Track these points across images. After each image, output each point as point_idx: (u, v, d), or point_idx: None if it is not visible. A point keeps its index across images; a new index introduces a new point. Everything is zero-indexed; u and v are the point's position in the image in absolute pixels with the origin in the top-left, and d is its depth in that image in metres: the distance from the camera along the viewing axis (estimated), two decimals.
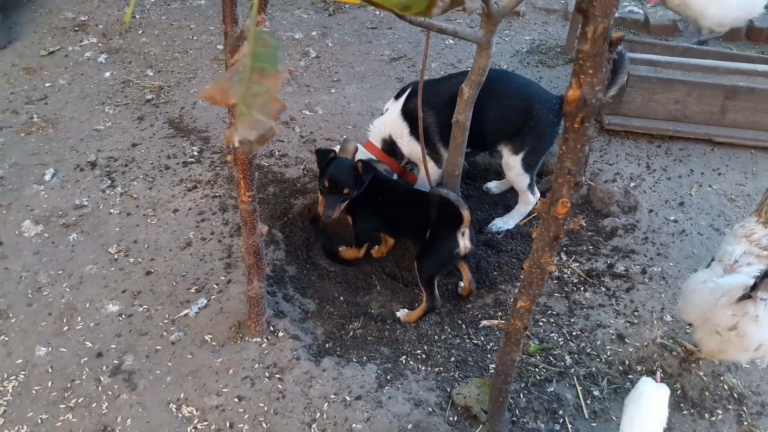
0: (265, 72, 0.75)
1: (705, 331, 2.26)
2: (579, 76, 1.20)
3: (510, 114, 3.04)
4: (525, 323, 1.78)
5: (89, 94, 3.98)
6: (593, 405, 2.44)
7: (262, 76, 0.76)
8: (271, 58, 0.76)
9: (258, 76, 0.76)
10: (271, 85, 0.75)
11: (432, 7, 0.83)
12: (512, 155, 3.10)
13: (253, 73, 0.76)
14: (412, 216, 2.91)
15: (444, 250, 2.79)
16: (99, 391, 2.39)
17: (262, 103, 0.74)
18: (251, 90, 0.75)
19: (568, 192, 1.34)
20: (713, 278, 2.25)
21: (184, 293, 2.75)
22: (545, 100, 3.05)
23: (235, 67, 0.78)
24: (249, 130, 0.73)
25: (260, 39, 0.78)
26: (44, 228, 3.05)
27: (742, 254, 2.27)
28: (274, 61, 0.76)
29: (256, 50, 0.78)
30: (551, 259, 1.53)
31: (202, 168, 3.43)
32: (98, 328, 2.61)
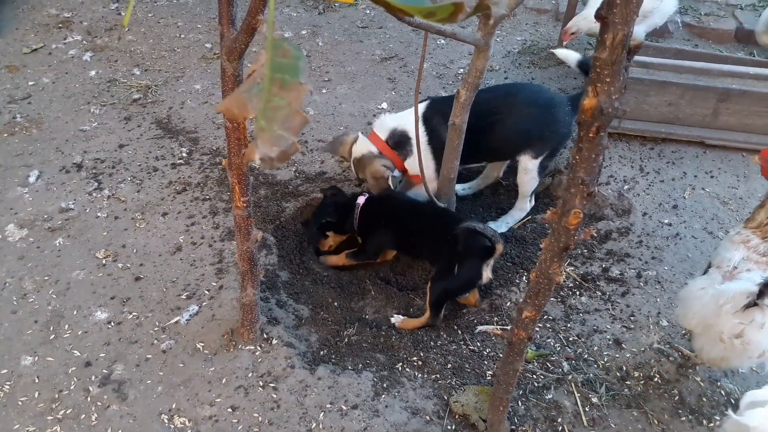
0: (287, 84, 0.71)
1: (707, 338, 2.25)
2: (596, 84, 1.16)
3: (533, 122, 3.09)
4: (529, 333, 1.74)
5: (74, 94, 3.89)
6: (592, 412, 2.42)
7: (282, 88, 0.71)
8: (293, 69, 0.71)
9: (278, 89, 0.71)
10: (293, 98, 0.70)
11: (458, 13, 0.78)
12: (532, 160, 3.14)
13: (272, 85, 0.71)
14: (430, 236, 2.87)
15: (466, 280, 2.76)
16: (88, 402, 2.32)
17: (283, 117, 0.69)
18: (272, 103, 0.70)
19: (580, 202, 1.30)
20: (714, 285, 2.23)
21: (175, 300, 2.68)
22: (560, 103, 3.13)
23: (253, 78, 0.73)
24: (270, 146, 0.68)
25: (279, 48, 0.73)
26: (29, 232, 2.96)
27: (741, 260, 2.26)
28: (295, 72, 0.71)
29: (275, 60, 0.73)
30: (559, 269, 1.49)
31: (191, 170, 3.35)
32: (86, 337, 2.54)
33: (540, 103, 3.11)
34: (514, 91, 3.25)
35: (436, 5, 0.77)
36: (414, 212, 3.02)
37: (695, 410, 2.46)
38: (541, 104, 3.10)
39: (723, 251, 2.39)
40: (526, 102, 3.12)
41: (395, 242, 2.99)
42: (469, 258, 2.74)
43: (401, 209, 3.02)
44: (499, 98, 3.13)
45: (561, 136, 3.16)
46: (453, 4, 0.77)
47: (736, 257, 2.31)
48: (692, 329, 2.38)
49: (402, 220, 2.98)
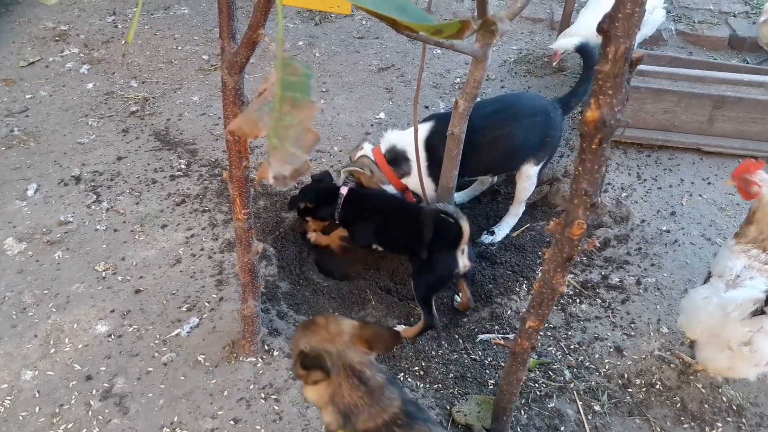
0: (298, 102, 0.71)
1: (713, 347, 2.25)
2: (598, 96, 1.17)
3: (534, 132, 3.15)
4: (533, 343, 1.75)
5: (72, 106, 3.89)
6: (594, 420, 2.42)
7: (294, 107, 0.71)
8: (304, 87, 0.72)
9: (289, 107, 0.71)
10: (304, 117, 0.70)
11: (465, 30, 0.79)
12: (534, 166, 3.20)
13: (283, 104, 0.72)
14: (407, 231, 2.88)
15: (443, 270, 2.76)
16: (89, 416, 2.30)
17: (295, 136, 0.70)
18: (283, 122, 0.70)
19: (584, 213, 1.31)
20: (718, 293, 2.24)
21: (175, 312, 2.68)
22: (554, 107, 3.20)
23: (264, 97, 0.74)
24: (283, 164, 0.69)
25: (289, 66, 0.74)
26: (28, 246, 2.95)
27: (743, 269, 2.27)
28: (306, 90, 0.72)
29: (286, 78, 0.73)
30: (563, 279, 1.50)
31: (190, 182, 3.35)
32: (87, 350, 2.53)
33: (538, 111, 3.14)
34: (511, 103, 3.28)
35: (444, 23, 0.78)
36: (390, 205, 3.05)
37: (697, 417, 2.46)
38: (539, 112, 3.14)
39: (723, 260, 2.39)
40: (526, 113, 3.15)
41: (376, 235, 3.00)
42: (440, 246, 2.76)
43: (379, 202, 3.04)
44: (499, 112, 3.16)
45: (557, 140, 3.24)
46: (460, 22, 0.78)
47: (738, 266, 2.32)
48: (697, 339, 2.38)
49: (380, 213, 3.00)
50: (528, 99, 3.33)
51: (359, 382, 1.67)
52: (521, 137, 3.11)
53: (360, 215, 2.98)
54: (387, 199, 3.11)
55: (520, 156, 3.19)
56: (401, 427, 1.62)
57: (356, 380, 1.68)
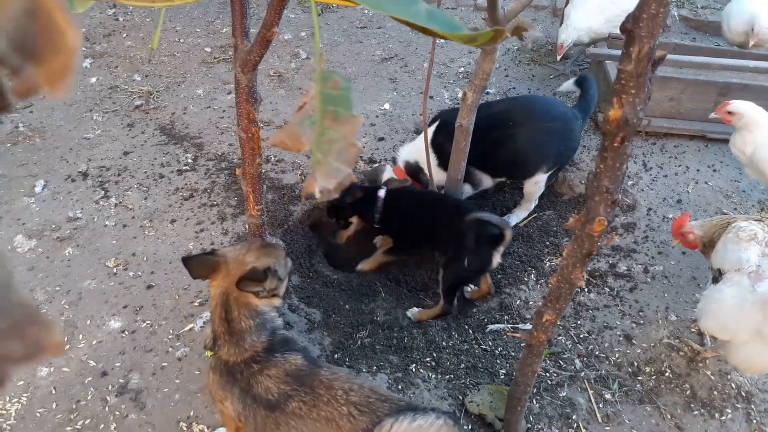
0: (340, 117, 0.72)
1: (755, 345, 2.19)
2: (620, 95, 1.18)
3: (549, 142, 3.14)
4: (549, 336, 1.77)
5: (76, 101, 3.88)
6: (606, 408, 2.45)
7: (335, 121, 0.72)
8: (345, 102, 0.73)
9: (331, 122, 0.72)
10: (347, 131, 0.71)
11: (498, 38, 0.80)
12: (543, 174, 3.19)
13: (325, 118, 0.72)
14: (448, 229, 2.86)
15: (477, 266, 2.78)
16: (106, 412, 2.33)
17: (339, 150, 0.71)
18: (326, 136, 0.71)
19: (605, 210, 1.32)
20: (748, 290, 2.21)
21: (188, 307, 2.69)
22: (573, 117, 3.17)
23: (305, 111, 0.75)
24: (328, 178, 0.69)
25: (329, 80, 0.74)
26: (38, 242, 2.96)
27: (760, 258, 2.26)
28: (348, 104, 0.73)
29: (325, 92, 0.74)
30: (581, 274, 1.51)
31: (197, 176, 3.36)
32: (101, 346, 2.54)
33: (555, 120, 3.13)
34: (528, 109, 3.23)
35: (477, 32, 0.79)
36: (427, 203, 3.02)
37: (707, 404, 2.49)
38: (556, 121, 3.13)
39: (733, 253, 2.37)
40: (542, 121, 3.13)
41: (416, 234, 2.99)
42: (480, 245, 2.76)
43: (416, 201, 3.02)
44: (515, 120, 3.13)
45: (573, 150, 3.25)
46: (494, 31, 0.78)
47: (753, 256, 2.31)
48: (733, 340, 2.29)
49: (418, 212, 2.98)
50: (544, 106, 3.27)
51: (225, 318, 1.92)
52: (533, 149, 3.10)
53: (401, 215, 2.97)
54: (422, 196, 3.09)
55: (532, 167, 3.17)
56: (259, 363, 1.90)
57: (224, 314, 1.92)
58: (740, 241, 2.38)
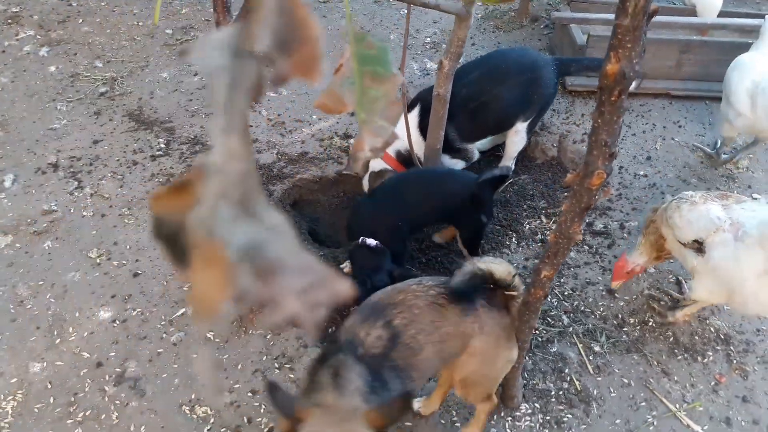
0: (379, 76, 0.73)
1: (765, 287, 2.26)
2: (617, 50, 1.22)
3: (524, 88, 3.18)
4: (546, 292, 1.82)
5: (37, 91, 3.76)
6: (596, 360, 2.55)
7: (375, 80, 0.73)
8: (382, 61, 0.74)
9: (371, 81, 0.73)
10: (388, 89, 0.73)
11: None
12: (522, 122, 3.24)
13: (363, 78, 0.74)
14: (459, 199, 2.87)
15: (491, 214, 2.99)
16: (106, 402, 2.31)
17: (382, 108, 0.72)
18: (368, 96, 0.73)
19: (603, 163, 1.37)
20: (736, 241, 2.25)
21: (177, 292, 2.68)
22: (546, 64, 3.21)
23: (342, 73, 0.76)
24: (374, 137, 0.71)
25: (364, 41, 0.76)
26: (14, 238, 2.89)
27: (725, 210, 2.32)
28: (386, 63, 0.74)
29: (361, 53, 0.75)
30: (579, 228, 1.57)
31: (171, 161, 3.31)
32: (93, 337, 2.51)
33: (525, 69, 3.17)
34: (501, 60, 3.28)
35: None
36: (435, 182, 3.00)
37: (689, 348, 2.61)
38: (526, 70, 3.17)
39: (700, 220, 2.35)
40: (516, 70, 3.18)
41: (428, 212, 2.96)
42: (490, 198, 2.90)
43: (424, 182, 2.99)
44: (490, 72, 3.17)
45: (548, 96, 3.27)
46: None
47: (720, 213, 2.33)
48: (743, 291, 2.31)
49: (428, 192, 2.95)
50: (515, 57, 3.31)
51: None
52: (509, 98, 3.14)
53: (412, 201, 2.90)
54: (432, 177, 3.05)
55: (511, 115, 3.23)
56: None
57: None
58: (697, 206, 2.39)
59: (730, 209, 2.36)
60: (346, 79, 0.75)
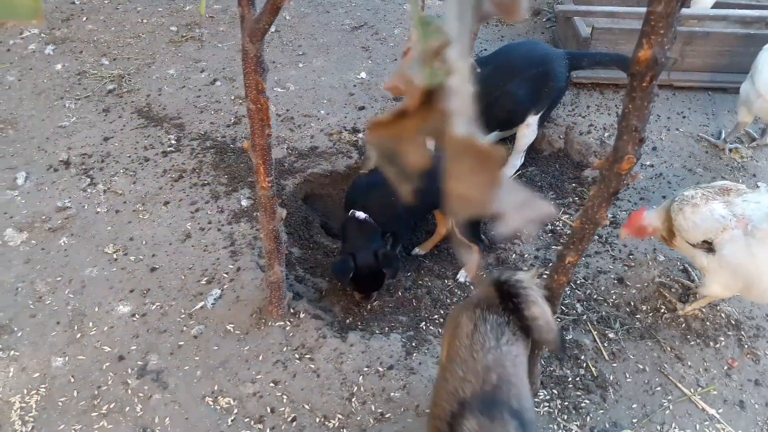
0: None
1: None
2: (650, 36, 1.25)
3: (535, 82, 3.20)
4: (569, 278, 1.86)
5: (44, 90, 3.76)
6: (611, 347, 2.59)
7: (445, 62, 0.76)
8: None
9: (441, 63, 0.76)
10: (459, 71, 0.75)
11: None
12: (533, 116, 3.26)
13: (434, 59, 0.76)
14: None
15: None
16: (129, 395, 2.33)
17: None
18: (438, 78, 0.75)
19: (633, 148, 1.40)
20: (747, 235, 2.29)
21: (195, 286, 2.70)
22: (557, 57, 3.24)
23: (410, 56, 0.78)
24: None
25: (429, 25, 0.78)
26: (30, 235, 2.90)
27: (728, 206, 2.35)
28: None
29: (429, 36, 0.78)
30: (606, 213, 1.60)
31: (183, 156, 3.32)
32: (113, 332, 2.53)
33: (535, 63, 3.20)
34: (512, 54, 3.31)
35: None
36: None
37: (701, 334, 2.65)
38: (536, 65, 3.20)
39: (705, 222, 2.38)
40: (526, 64, 3.21)
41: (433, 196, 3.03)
42: None
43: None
44: (502, 67, 3.20)
45: (559, 90, 3.29)
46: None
47: (723, 211, 2.36)
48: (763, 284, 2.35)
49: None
50: (525, 51, 3.35)
51: None
52: (521, 93, 3.17)
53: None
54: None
55: (523, 110, 3.26)
56: None
57: None
58: (699, 208, 2.41)
59: (732, 205, 2.39)
60: (413, 62, 0.78)
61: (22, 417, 2.27)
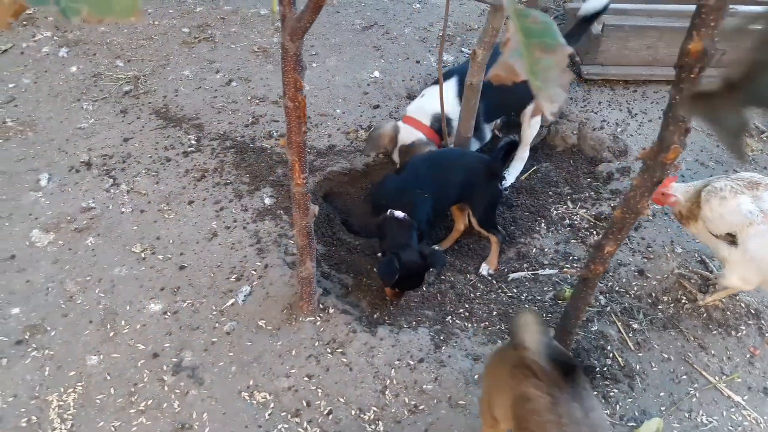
0: (549, 46, 0.80)
1: None
2: (700, 29, 1.29)
3: None
4: (606, 267, 1.90)
5: (60, 92, 3.77)
6: (635, 337, 2.64)
7: (545, 51, 0.80)
8: (550, 33, 0.81)
9: (541, 52, 0.80)
10: (558, 60, 0.80)
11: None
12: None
13: (533, 49, 0.80)
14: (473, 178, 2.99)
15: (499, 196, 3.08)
16: (166, 391, 2.36)
17: (556, 76, 0.79)
18: (540, 65, 0.79)
19: (679, 139, 1.45)
20: None
21: (225, 283, 2.73)
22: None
23: (510, 46, 0.82)
24: (551, 102, 0.78)
25: (527, 16, 0.82)
26: (56, 236, 2.92)
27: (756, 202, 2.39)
28: (553, 35, 0.81)
29: (526, 26, 0.82)
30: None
31: (204, 156, 3.35)
32: (146, 329, 2.56)
33: None
34: None
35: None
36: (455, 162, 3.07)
37: (723, 323, 2.71)
38: None
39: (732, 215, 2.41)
40: None
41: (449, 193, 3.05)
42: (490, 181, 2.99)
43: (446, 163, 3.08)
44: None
45: None
46: None
47: (750, 206, 2.40)
48: None
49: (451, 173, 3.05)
50: None
51: None
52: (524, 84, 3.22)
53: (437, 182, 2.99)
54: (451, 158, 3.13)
55: (522, 98, 3.32)
56: None
57: None
58: (727, 200, 2.45)
59: (760, 200, 2.43)
60: (513, 51, 0.82)
61: (60, 415, 2.29)
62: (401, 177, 2.91)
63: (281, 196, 3.15)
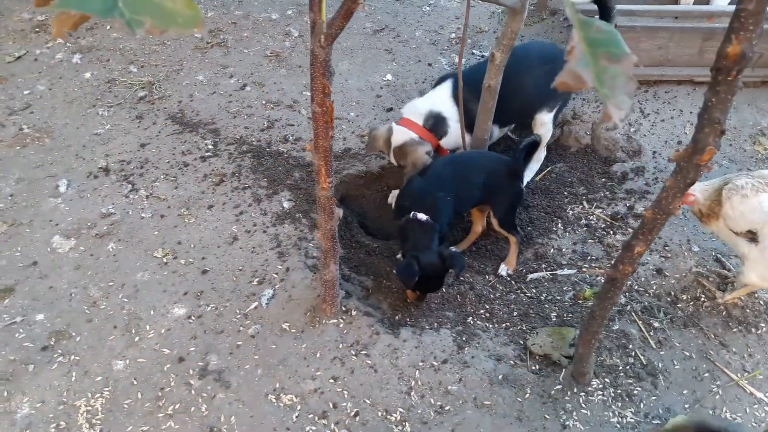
0: (615, 56, 0.82)
1: None
2: (739, 32, 1.31)
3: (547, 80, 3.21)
4: (635, 267, 1.92)
5: (76, 98, 3.79)
6: (657, 335, 2.65)
7: (611, 60, 0.82)
8: (615, 43, 0.83)
9: (607, 61, 0.82)
10: (625, 68, 0.82)
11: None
12: (547, 114, 3.29)
13: (599, 59, 0.82)
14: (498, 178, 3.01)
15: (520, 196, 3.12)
16: (193, 395, 2.38)
17: (622, 84, 0.81)
18: (607, 74, 0.81)
19: (714, 140, 1.46)
20: None
21: (248, 287, 2.74)
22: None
23: (575, 55, 0.84)
24: (618, 109, 0.80)
25: (591, 26, 0.84)
26: (77, 241, 2.93)
27: None
28: (618, 45, 0.83)
29: (590, 37, 0.84)
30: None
31: (221, 161, 3.37)
32: (170, 334, 2.58)
33: (548, 60, 3.28)
34: (525, 53, 3.38)
35: None
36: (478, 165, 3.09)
37: (742, 321, 2.73)
38: (549, 61, 3.27)
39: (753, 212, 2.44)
40: (538, 61, 3.28)
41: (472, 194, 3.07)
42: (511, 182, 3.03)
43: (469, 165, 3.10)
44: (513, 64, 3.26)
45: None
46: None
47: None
48: None
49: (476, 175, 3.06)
50: (538, 49, 3.46)
51: None
52: (532, 88, 3.25)
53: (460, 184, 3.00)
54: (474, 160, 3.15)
55: (532, 106, 3.35)
56: None
57: None
58: (748, 198, 2.46)
59: None
60: (580, 60, 0.84)
61: (89, 420, 2.31)
62: (424, 180, 2.93)
63: (299, 199, 3.17)
